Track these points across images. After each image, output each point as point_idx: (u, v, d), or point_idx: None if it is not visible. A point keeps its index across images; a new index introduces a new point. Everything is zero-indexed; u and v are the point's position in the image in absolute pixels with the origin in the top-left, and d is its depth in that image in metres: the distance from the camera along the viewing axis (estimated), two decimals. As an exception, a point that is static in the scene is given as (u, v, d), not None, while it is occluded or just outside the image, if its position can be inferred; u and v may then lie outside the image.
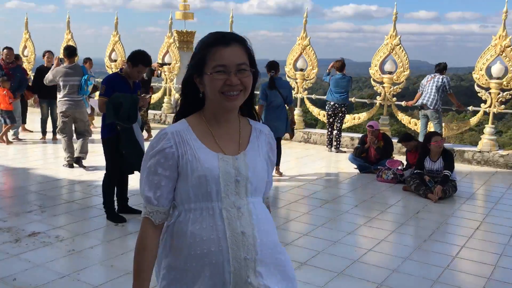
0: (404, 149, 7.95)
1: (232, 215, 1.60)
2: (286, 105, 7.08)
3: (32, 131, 10.30)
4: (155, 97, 12.86)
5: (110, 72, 10.52)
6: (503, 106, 8.76)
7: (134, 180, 5.83)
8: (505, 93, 8.63)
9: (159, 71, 11.68)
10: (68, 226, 4.95)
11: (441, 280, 4.00)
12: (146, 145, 5.22)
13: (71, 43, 13.86)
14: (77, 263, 4.10)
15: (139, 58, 5.00)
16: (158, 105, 14.17)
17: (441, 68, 8.85)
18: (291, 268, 1.75)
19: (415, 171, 6.80)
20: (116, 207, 5.31)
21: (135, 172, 5.33)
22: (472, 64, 8.98)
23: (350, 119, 10.37)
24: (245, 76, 1.60)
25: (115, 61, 13.15)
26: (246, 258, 1.58)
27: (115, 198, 5.32)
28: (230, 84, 1.57)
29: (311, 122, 16.14)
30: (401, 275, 4.08)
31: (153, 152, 1.63)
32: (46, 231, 4.75)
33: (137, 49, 5.15)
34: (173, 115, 12.19)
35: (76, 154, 7.35)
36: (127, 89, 5.08)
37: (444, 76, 8.77)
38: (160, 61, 12.33)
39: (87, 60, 11.08)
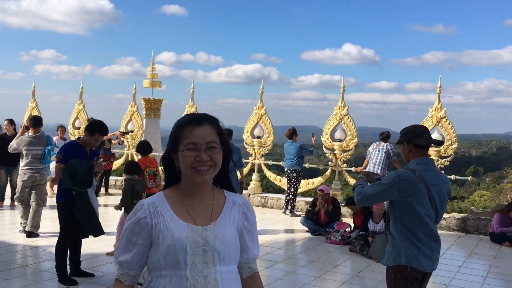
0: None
1: (199, 283, 1.67)
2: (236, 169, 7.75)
3: None
4: (117, 163, 13.10)
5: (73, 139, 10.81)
6: (443, 172, 9.43)
7: (87, 245, 6.04)
8: (443, 159, 9.34)
9: (121, 139, 12.04)
10: (20, 290, 5.07)
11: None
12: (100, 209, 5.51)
13: (35, 111, 14.16)
14: (25, 324, 4.23)
15: (96, 128, 5.39)
16: (120, 172, 14.37)
17: (384, 137, 9.54)
18: None
19: (360, 233, 7.23)
20: (68, 270, 5.46)
21: (89, 236, 5.53)
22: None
23: (305, 184, 10.84)
24: (215, 153, 1.74)
25: (79, 128, 13.46)
26: None
27: (68, 262, 5.48)
28: (200, 160, 1.71)
29: (278, 188, 16.07)
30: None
31: (131, 222, 1.77)
32: (-4, 295, 4.86)
33: (95, 119, 5.56)
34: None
35: (27, 228, 7.34)
36: (84, 156, 5.40)
37: (388, 143, 9.44)
38: (122, 130, 12.71)
39: (60, 127, 11.33)
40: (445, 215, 9.18)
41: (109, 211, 9.45)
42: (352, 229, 7.93)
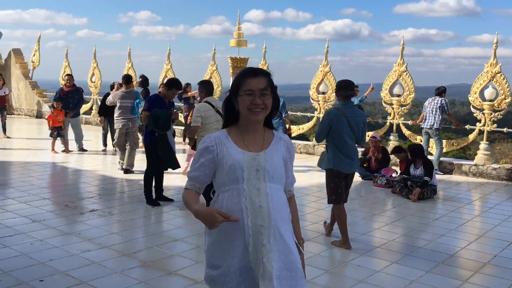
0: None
1: (253, 193, 2.14)
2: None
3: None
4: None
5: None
6: (495, 125, 9.84)
7: (170, 180, 7.55)
8: (497, 113, 9.74)
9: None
10: (118, 207, 6.72)
11: (416, 256, 5.36)
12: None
13: (131, 71, 16.09)
14: (122, 227, 5.83)
15: (173, 84, 6.79)
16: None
17: (440, 92, 10.06)
18: (293, 240, 2.26)
19: (403, 176, 8.11)
20: (153, 195, 7.02)
21: (168, 169, 7.02)
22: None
23: (368, 134, 11.67)
24: (266, 99, 2.19)
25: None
26: (261, 225, 2.11)
27: (153, 189, 7.03)
28: (254, 103, 2.16)
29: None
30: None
31: (201, 148, 2.25)
32: (101, 209, 6.54)
33: (173, 77, 6.95)
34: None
35: (124, 166, 9.08)
36: (164, 106, 6.83)
37: (443, 98, 9.96)
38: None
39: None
40: (495, 166, 9.70)
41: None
42: (398, 174, 8.80)
